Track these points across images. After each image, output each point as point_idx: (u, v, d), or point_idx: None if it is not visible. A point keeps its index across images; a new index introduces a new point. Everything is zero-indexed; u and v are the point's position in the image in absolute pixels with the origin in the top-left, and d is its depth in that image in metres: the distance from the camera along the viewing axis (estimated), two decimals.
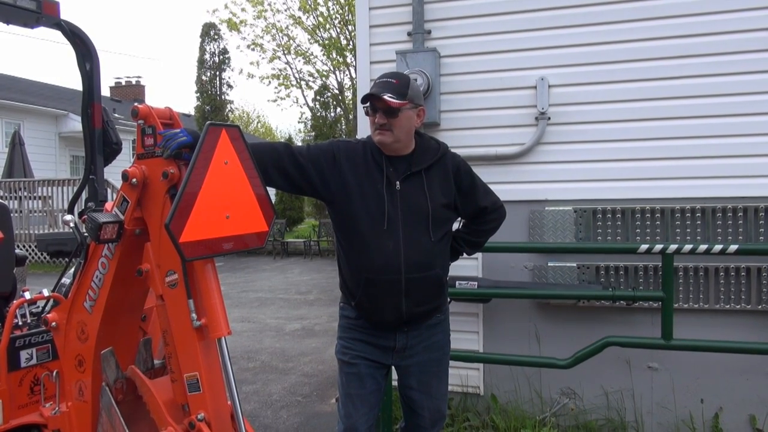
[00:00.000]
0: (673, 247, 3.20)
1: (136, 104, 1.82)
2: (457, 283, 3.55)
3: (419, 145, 2.28)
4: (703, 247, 3.18)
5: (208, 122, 1.78)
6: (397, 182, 2.21)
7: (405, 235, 2.18)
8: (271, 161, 2.15)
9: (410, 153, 2.26)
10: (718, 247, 3.16)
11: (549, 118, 3.70)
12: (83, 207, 2.38)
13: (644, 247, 3.25)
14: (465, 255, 2.58)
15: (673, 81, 3.52)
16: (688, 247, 3.19)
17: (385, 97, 2.11)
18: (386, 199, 2.18)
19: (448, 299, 3.51)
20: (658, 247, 3.23)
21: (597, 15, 3.62)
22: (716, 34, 3.44)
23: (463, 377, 3.87)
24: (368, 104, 2.20)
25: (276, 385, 4.97)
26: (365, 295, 2.24)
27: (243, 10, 25.25)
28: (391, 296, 2.20)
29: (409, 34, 3.91)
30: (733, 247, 3.15)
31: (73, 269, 2.27)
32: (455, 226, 2.46)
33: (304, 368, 5.47)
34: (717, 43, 3.44)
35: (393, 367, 2.44)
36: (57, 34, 2.25)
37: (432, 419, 2.44)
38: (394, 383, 2.76)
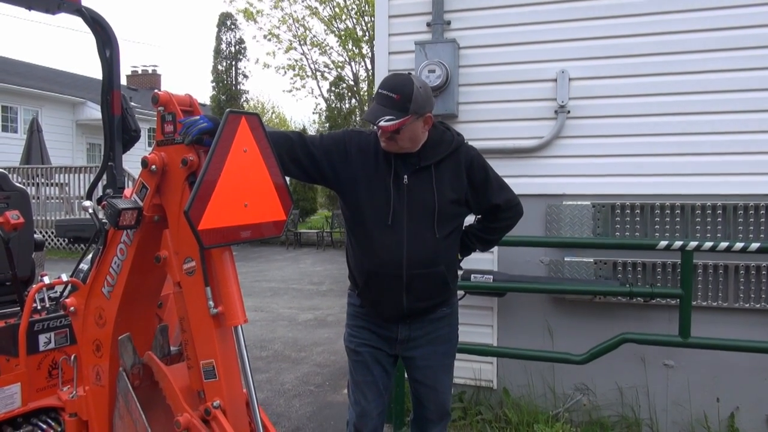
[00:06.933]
0: (693, 244, 3.16)
1: (156, 91, 1.81)
2: (472, 276, 3.54)
3: (432, 138, 2.21)
4: (723, 244, 3.13)
5: (228, 110, 1.77)
6: (405, 176, 2.17)
7: (409, 230, 2.16)
8: (285, 150, 2.13)
9: (421, 147, 2.20)
10: (739, 245, 3.11)
11: (569, 112, 3.66)
12: (101, 194, 2.39)
13: (664, 243, 3.21)
14: (478, 251, 2.55)
15: (696, 75, 3.47)
16: (708, 244, 3.15)
17: (382, 123, 2.03)
18: (392, 193, 2.16)
19: (462, 293, 3.51)
20: (678, 243, 3.19)
21: (620, 7, 3.57)
22: (741, 29, 3.38)
23: (476, 371, 3.86)
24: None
25: (288, 374, 5.00)
26: (367, 287, 2.25)
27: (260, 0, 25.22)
28: (391, 291, 2.20)
29: (428, 24, 3.88)
30: (755, 246, 3.10)
31: (91, 255, 2.28)
32: (470, 219, 2.42)
33: (317, 358, 5.49)
34: (741, 38, 3.38)
35: (400, 358, 2.42)
36: (77, 21, 2.25)
37: (439, 413, 2.43)
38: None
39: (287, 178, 2.01)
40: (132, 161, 4.10)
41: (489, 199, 2.29)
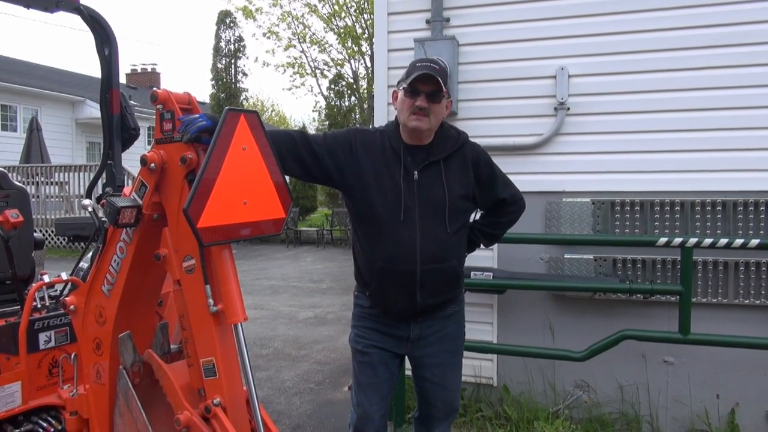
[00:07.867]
0: (692, 240, 3.16)
1: (155, 89, 1.81)
2: (472, 273, 3.54)
3: (439, 134, 2.24)
4: (723, 241, 3.13)
5: (227, 108, 1.76)
6: (415, 172, 2.18)
7: (421, 225, 2.16)
8: (287, 149, 2.13)
9: (429, 142, 2.22)
10: (738, 242, 3.11)
11: (568, 109, 3.66)
12: (101, 192, 2.39)
13: (663, 240, 3.21)
14: (482, 247, 2.56)
15: (696, 72, 3.46)
16: (708, 241, 3.15)
17: (440, 79, 2.07)
18: (403, 189, 2.16)
19: (464, 290, 3.50)
20: (678, 240, 3.18)
21: (619, 3, 3.56)
22: (742, 24, 3.38)
23: (476, 368, 3.86)
24: (408, 86, 2.11)
25: (289, 372, 5.00)
26: (379, 285, 2.23)
27: None
28: (405, 287, 2.19)
29: (427, 21, 3.87)
30: (755, 242, 3.10)
31: (90, 253, 2.28)
32: (472, 216, 2.43)
33: (317, 356, 5.50)
34: (742, 34, 3.37)
35: (407, 357, 2.43)
36: (75, 20, 2.25)
37: (446, 411, 2.43)
38: (408, 372, 2.76)
39: (287, 177, 2.01)
40: (131, 159, 4.09)
41: (496, 194, 2.33)
